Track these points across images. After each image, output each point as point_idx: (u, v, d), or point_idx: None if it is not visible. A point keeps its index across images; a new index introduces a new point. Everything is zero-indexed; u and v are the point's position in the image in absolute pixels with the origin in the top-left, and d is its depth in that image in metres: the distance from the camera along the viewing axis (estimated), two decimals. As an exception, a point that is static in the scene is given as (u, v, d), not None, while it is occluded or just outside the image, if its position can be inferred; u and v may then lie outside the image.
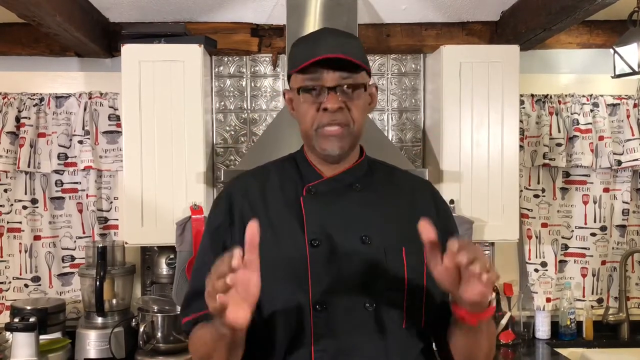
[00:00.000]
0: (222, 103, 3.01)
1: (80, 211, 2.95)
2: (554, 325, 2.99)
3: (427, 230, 1.12)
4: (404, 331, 1.30)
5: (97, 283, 2.61)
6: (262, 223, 1.31)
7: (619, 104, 3.01)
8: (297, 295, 1.27)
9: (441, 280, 1.14)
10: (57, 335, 2.70)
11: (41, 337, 2.57)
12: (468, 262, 1.07)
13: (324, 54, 1.27)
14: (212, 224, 1.40)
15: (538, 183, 3.02)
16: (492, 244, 3.06)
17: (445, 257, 1.10)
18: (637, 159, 2.96)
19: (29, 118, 2.86)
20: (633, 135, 2.98)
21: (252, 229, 1.11)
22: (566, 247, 3.07)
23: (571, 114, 2.99)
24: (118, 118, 2.89)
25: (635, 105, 3.02)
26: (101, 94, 2.91)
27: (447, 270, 1.11)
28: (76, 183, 2.95)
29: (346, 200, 1.36)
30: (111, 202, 2.96)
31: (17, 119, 2.88)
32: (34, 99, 2.88)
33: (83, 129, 2.87)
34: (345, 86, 1.30)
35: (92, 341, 2.65)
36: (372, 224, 1.33)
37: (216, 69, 3.01)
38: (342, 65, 1.29)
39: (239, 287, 1.07)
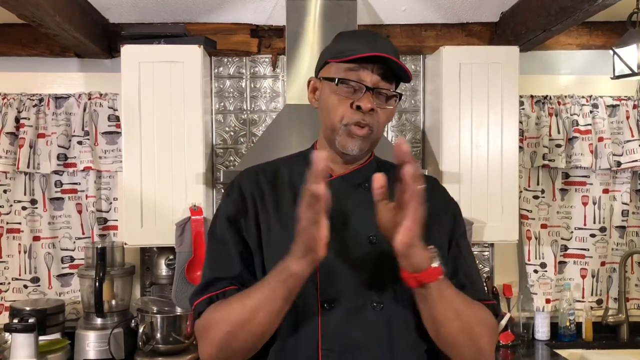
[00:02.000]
0: (222, 104, 3.01)
1: (80, 212, 2.95)
2: (554, 326, 3.00)
3: (378, 179, 1.15)
4: (411, 330, 1.30)
5: (97, 284, 2.61)
6: (272, 218, 1.34)
7: (618, 105, 3.01)
8: (305, 293, 1.26)
9: (382, 218, 1.17)
10: (56, 336, 2.69)
11: (40, 338, 2.57)
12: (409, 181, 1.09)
13: (385, 54, 1.27)
14: (226, 212, 1.37)
15: (537, 184, 3.02)
16: (492, 244, 3.06)
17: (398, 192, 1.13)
18: (636, 160, 2.96)
19: (29, 119, 2.86)
20: (632, 136, 2.98)
21: (322, 155, 1.09)
22: (566, 248, 3.07)
23: (571, 115, 2.99)
24: (117, 119, 2.89)
25: (634, 107, 3.02)
26: (101, 94, 2.91)
27: (391, 211, 1.15)
28: (76, 184, 2.95)
29: (355, 199, 1.36)
30: (110, 203, 2.96)
31: (17, 120, 2.88)
32: (34, 100, 2.88)
33: (82, 129, 2.87)
34: (382, 91, 1.31)
35: (91, 342, 2.65)
36: None
37: (216, 70, 3.01)
38: (384, 72, 1.30)
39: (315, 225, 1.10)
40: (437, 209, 1.40)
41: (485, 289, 2.94)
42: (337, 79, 1.31)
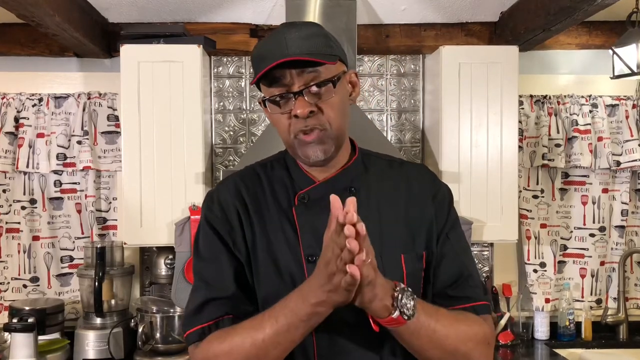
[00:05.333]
0: (221, 103, 3.01)
1: (79, 211, 2.95)
2: (553, 326, 2.99)
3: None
4: None
5: (96, 283, 2.61)
6: (256, 228, 1.27)
7: (617, 105, 3.01)
8: None
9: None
10: (55, 335, 2.69)
11: (40, 337, 2.57)
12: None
13: (289, 56, 1.16)
14: (211, 227, 1.29)
15: (537, 184, 3.02)
16: (491, 244, 3.06)
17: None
18: (635, 160, 2.96)
19: (28, 118, 2.86)
20: (632, 136, 2.98)
21: (336, 203, 1.04)
22: (565, 247, 3.07)
23: (570, 114, 2.99)
24: (117, 118, 2.88)
25: (634, 106, 3.02)
26: (100, 94, 2.91)
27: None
28: (75, 183, 2.94)
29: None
30: (110, 203, 2.96)
31: (16, 119, 2.87)
32: (33, 99, 2.88)
33: (82, 129, 2.87)
34: (313, 87, 1.19)
35: (90, 342, 2.65)
36: (369, 232, 1.20)
37: (215, 70, 3.00)
38: (310, 65, 1.18)
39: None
40: (424, 197, 1.34)
41: (484, 283, 2.96)
42: (264, 102, 1.24)
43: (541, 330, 2.97)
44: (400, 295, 1.12)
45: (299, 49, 1.17)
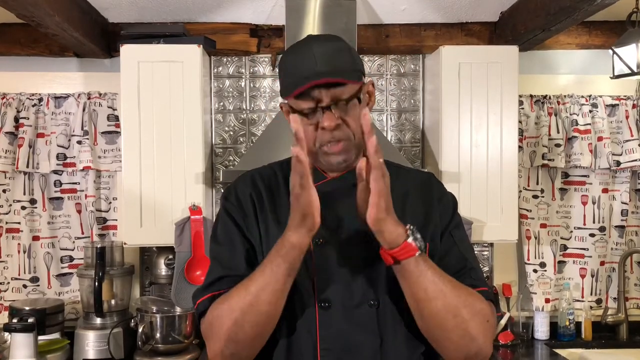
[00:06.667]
0: (221, 103, 3.01)
1: (79, 211, 2.95)
2: (553, 326, 3.00)
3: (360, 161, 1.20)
4: (408, 329, 1.30)
5: (96, 283, 2.61)
6: (270, 221, 1.35)
7: (617, 105, 3.01)
8: (302, 293, 1.28)
9: (358, 199, 1.22)
10: (55, 335, 2.69)
11: (40, 337, 2.57)
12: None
13: (312, 80, 1.24)
14: (227, 214, 1.38)
15: (537, 183, 3.02)
16: (491, 244, 3.06)
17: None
18: (635, 160, 2.96)
19: (28, 118, 2.86)
20: (632, 135, 2.98)
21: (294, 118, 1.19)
22: (565, 247, 3.07)
23: (570, 114, 2.99)
24: (117, 118, 2.88)
25: (634, 106, 3.02)
26: (100, 94, 2.91)
27: (365, 191, 1.20)
28: (75, 183, 2.94)
29: (350, 200, 1.33)
30: (110, 203, 2.96)
31: (16, 119, 2.88)
32: (33, 99, 2.88)
33: (82, 129, 2.87)
34: (340, 103, 1.27)
35: (90, 342, 2.65)
36: None
37: (215, 70, 3.00)
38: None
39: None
40: (430, 200, 1.40)
41: (485, 279, 2.96)
42: (293, 111, 1.31)
43: (541, 330, 2.98)
44: (412, 227, 1.21)
45: (328, 66, 1.25)
